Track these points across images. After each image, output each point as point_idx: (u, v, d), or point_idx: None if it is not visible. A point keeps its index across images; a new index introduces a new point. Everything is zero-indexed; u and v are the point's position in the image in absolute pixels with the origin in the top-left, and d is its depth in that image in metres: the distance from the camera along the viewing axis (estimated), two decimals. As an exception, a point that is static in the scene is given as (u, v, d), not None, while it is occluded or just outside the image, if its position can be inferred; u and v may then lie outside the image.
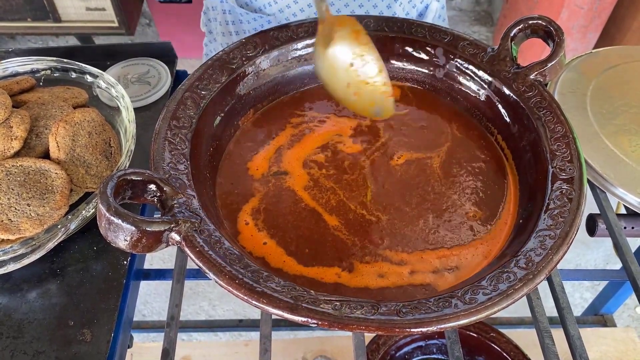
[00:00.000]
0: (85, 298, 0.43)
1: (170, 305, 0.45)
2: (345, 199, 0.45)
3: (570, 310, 0.44)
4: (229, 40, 0.78)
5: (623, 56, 0.64)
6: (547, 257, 0.36)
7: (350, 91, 0.48)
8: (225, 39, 0.79)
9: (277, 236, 0.43)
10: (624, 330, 0.88)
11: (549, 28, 0.47)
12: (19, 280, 0.43)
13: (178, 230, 0.35)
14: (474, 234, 0.43)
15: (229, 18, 0.75)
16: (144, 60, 0.63)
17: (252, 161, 0.48)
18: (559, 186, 0.40)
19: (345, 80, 0.48)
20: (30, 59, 0.55)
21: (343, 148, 0.50)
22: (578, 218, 0.38)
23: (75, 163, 0.46)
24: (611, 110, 0.57)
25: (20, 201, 0.42)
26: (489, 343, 0.74)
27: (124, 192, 0.35)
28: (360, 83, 0.48)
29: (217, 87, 0.47)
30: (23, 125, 0.45)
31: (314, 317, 0.32)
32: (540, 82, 0.47)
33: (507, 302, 0.34)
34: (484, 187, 0.47)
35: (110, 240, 0.34)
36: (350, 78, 0.48)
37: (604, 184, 0.51)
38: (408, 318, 0.33)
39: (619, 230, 0.50)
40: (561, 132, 0.44)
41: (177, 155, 0.41)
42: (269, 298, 0.33)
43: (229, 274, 0.34)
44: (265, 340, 0.42)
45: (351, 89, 0.48)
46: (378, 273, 0.41)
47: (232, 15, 0.74)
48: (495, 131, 0.50)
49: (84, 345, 0.40)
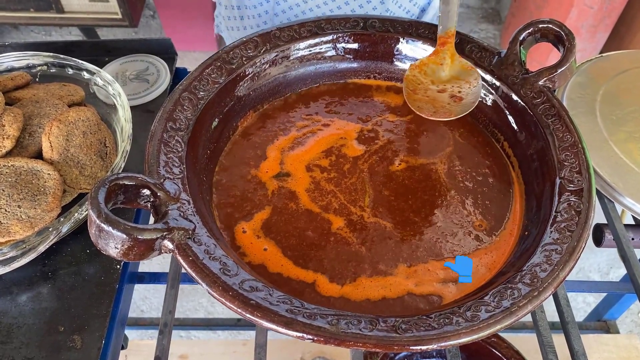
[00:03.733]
0: (77, 303, 0.42)
1: (163, 312, 0.44)
2: (347, 202, 0.44)
3: (575, 325, 0.43)
4: (230, 14, 0.76)
5: (634, 61, 0.62)
6: (553, 273, 0.34)
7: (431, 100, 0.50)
8: (227, 12, 0.77)
9: (277, 242, 0.41)
10: (627, 337, 0.87)
11: (560, 32, 0.46)
12: (9, 283, 0.42)
13: (171, 238, 0.33)
14: (478, 244, 0.42)
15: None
16: (143, 57, 0.61)
17: (251, 165, 0.47)
18: (566, 198, 0.39)
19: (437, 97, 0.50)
20: (27, 54, 0.54)
21: (347, 151, 0.48)
22: (586, 232, 0.37)
23: (69, 163, 0.45)
24: (621, 116, 0.56)
25: (10, 202, 0.41)
26: (490, 348, 0.73)
27: (116, 197, 0.34)
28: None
29: (215, 88, 0.45)
30: (16, 124, 0.44)
31: (309, 333, 0.31)
32: (549, 88, 0.46)
33: (511, 320, 0.33)
34: (489, 196, 0.45)
35: (101, 247, 0.32)
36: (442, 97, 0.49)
37: (612, 194, 0.50)
38: (407, 335, 0.32)
39: (627, 242, 0.49)
40: (570, 141, 0.42)
41: (172, 159, 0.39)
42: (264, 311, 0.32)
43: (223, 285, 0.32)
44: (260, 350, 0.41)
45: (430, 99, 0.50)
46: (381, 284, 0.39)
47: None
48: (502, 138, 0.49)
49: (73, 352, 0.39)
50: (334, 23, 0.52)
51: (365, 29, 0.52)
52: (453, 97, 0.48)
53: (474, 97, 0.48)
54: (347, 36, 0.52)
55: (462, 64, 0.50)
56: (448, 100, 0.49)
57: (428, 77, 0.50)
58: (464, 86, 0.49)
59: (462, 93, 0.48)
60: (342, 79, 0.54)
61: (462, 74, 0.49)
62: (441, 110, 0.48)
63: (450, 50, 0.50)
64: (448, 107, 0.48)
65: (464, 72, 0.49)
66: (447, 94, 0.49)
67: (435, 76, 0.50)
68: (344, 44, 0.52)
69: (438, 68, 0.50)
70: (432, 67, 0.50)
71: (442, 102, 0.49)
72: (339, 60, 0.53)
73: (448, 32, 0.49)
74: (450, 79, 0.50)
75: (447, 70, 0.50)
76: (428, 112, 0.48)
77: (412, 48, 0.52)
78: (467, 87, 0.49)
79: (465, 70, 0.49)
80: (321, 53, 0.52)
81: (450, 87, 0.49)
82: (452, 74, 0.50)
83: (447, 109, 0.48)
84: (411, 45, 0.52)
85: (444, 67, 0.50)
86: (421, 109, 0.48)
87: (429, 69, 0.51)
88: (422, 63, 0.51)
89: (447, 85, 0.50)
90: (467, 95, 0.48)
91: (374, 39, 0.52)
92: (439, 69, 0.50)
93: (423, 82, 0.50)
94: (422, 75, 0.50)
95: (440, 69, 0.50)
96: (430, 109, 0.48)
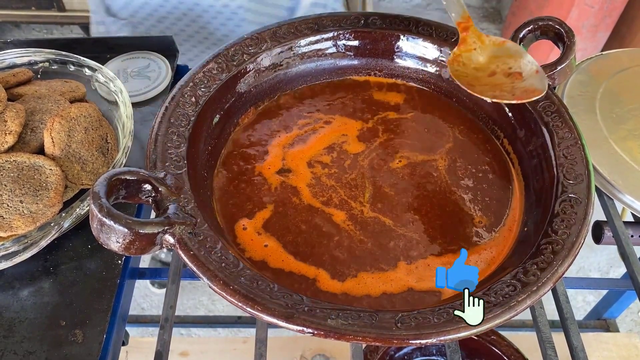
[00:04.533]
0: (78, 297, 0.42)
1: (164, 307, 0.44)
2: (347, 198, 0.44)
3: (574, 320, 0.43)
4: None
5: (634, 59, 0.63)
6: (552, 269, 0.35)
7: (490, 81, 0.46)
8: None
9: (278, 238, 0.42)
10: (626, 335, 0.87)
11: (560, 30, 0.46)
12: (11, 278, 0.43)
13: (172, 232, 0.34)
14: (478, 240, 0.42)
15: None
16: (144, 54, 0.62)
17: (253, 161, 0.47)
18: (566, 195, 0.39)
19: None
20: (28, 51, 0.54)
21: (348, 148, 0.48)
22: (585, 228, 0.37)
23: (71, 159, 0.45)
24: (621, 114, 0.56)
25: (13, 198, 0.41)
26: (489, 346, 0.73)
27: (117, 192, 0.34)
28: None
29: (216, 84, 0.46)
30: (18, 119, 0.45)
31: (309, 326, 0.31)
32: (549, 86, 0.46)
33: (510, 315, 0.33)
34: (489, 192, 0.45)
35: (103, 242, 0.33)
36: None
37: (611, 191, 0.50)
38: (407, 329, 0.32)
39: (626, 239, 0.49)
40: (570, 138, 0.42)
41: (173, 154, 0.39)
42: (264, 305, 0.32)
43: (223, 279, 0.33)
44: (260, 345, 0.41)
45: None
46: (382, 279, 0.39)
47: None
48: (502, 135, 0.49)
49: (75, 346, 0.39)
50: (334, 20, 0.52)
51: (366, 26, 0.52)
52: (509, 75, 0.45)
53: (532, 65, 0.45)
54: (347, 33, 0.52)
55: (494, 41, 0.47)
56: (506, 80, 0.45)
57: (469, 67, 0.48)
58: (509, 61, 0.46)
59: (512, 69, 0.45)
60: (342, 76, 0.54)
61: (498, 51, 0.47)
62: (517, 92, 0.44)
63: (475, 33, 0.48)
64: (516, 85, 0.45)
65: (500, 48, 0.47)
66: (500, 75, 0.46)
67: (475, 64, 0.48)
68: (344, 41, 0.52)
69: (473, 54, 0.48)
70: (467, 56, 0.48)
71: (503, 85, 0.45)
72: (340, 57, 0.53)
73: (464, 16, 0.48)
74: (492, 60, 0.47)
75: (483, 54, 0.47)
76: (504, 97, 0.44)
77: (412, 45, 0.52)
78: (512, 61, 0.46)
79: (500, 47, 0.47)
80: (322, 50, 0.52)
81: (495, 67, 0.47)
82: (490, 54, 0.47)
83: (520, 87, 0.44)
84: (411, 43, 0.52)
85: (478, 51, 0.48)
86: (496, 97, 0.44)
87: (465, 59, 0.48)
88: (455, 56, 0.48)
89: (491, 66, 0.47)
90: (521, 68, 0.45)
91: (374, 36, 0.52)
92: (474, 55, 0.48)
93: (469, 74, 0.47)
94: (463, 67, 0.48)
95: (476, 55, 0.48)
96: (503, 95, 0.44)
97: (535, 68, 0.45)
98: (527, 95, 0.43)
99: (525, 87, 0.44)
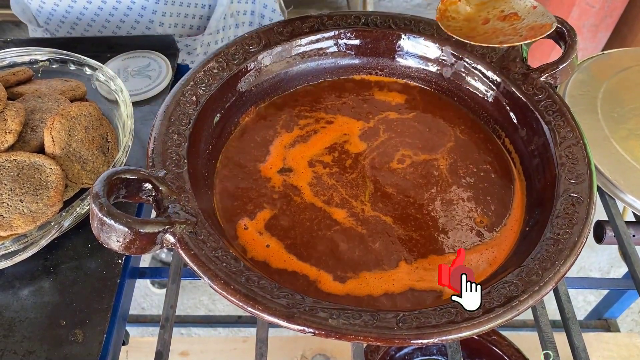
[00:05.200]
0: (78, 297, 0.42)
1: (165, 307, 0.44)
2: (348, 197, 0.44)
3: (575, 320, 0.43)
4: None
5: (636, 58, 0.62)
6: (554, 268, 0.35)
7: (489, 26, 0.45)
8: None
9: (280, 238, 0.41)
10: (627, 335, 0.87)
11: (561, 29, 0.46)
12: (11, 277, 0.42)
13: (173, 231, 0.34)
14: (479, 240, 0.42)
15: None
16: (145, 53, 0.62)
17: (253, 160, 0.47)
18: (567, 194, 0.39)
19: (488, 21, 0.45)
20: (29, 50, 0.54)
21: (350, 148, 0.48)
22: (587, 228, 0.37)
23: (71, 158, 0.45)
24: (622, 113, 0.56)
25: (13, 197, 0.41)
26: (490, 346, 0.73)
27: (118, 191, 0.34)
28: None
29: (217, 83, 0.45)
30: (18, 118, 0.44)
31: (310, 326, 0.31)
32: (551, 85, 0.46)
33: (512, 315, 0.33)
34: (490, 192, 0.45)
35: (103, 241, 0.33)
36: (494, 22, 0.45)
37: (613, 191, 0.50)
38: (408, 329, 0.32)
39: (628, 239, 0.49)
40: (571, 137, 0.42)
41: (174, 154, 0.39)
42: (265, 305, 0.32)
43: (224, 279, 0.33)
44: (261, 344, 0.41)
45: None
46: (383, 279, 0.39)
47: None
48: (503, 134, 0.49)
49: (75, 346, 0.39)
50: (335, 19, 0.52)
51: (367, 25, 0.52)
52: (505, 18, 0.43)
53: (526, 2, 0.43)
54: (348, 32, 0.52)
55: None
56: (504, 24, 0.44)
57: (459, 20, 0.46)
58: (498, 4, 0.44)
59: (505, 11, 0.44)
60: (343, 75, 0.54)
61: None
62: (522, 32, 0.42)
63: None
64: (517, 26, 0.43)
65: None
66: (495, 20, 0.44)
67: (464, 15, 0.46)
68: (345, 40, 0.52)
69: (459, 6, 0.46)
70: (454, 9, 0.46)
71: (504, 29, 0.43)
72: (341, 57, 0.53)
73: None
74: (480, 8, 0.46)
75: (469, 3, 0.46)
76: (512, 41, 0.42)
77: (413, 44, 0.52)
78: (502, 3, 0.44)
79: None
80: (323, 49, 0.52)
81: (486, 14, 0.45)
82: (476, 2, 0.46)
83: (523, 27, 0.42)
84: (412, 42, 0.52)
85: (463, 1, 0.46)
86: (504, 42, 0.43)
87: (453, 13, 0.46)
88: (442, 12, 0.46)
89: (481, 14, 0.45)
90: (515, 9, 0.43)
91: (375, 35, 0.52)
92: (460, 6, 0.46)
93: (462, 27, 0.45)
94: (454, 22, 0.46)
95: (463, 5, 0.46)
96: (510, 39, 0.42)
97: (530, 4, 0.43)
98: (536, 33, 0.41)
99: (530, 25, 0.42)
